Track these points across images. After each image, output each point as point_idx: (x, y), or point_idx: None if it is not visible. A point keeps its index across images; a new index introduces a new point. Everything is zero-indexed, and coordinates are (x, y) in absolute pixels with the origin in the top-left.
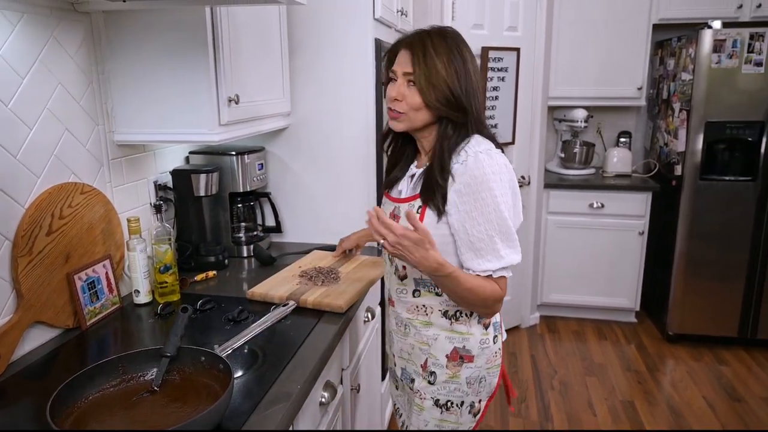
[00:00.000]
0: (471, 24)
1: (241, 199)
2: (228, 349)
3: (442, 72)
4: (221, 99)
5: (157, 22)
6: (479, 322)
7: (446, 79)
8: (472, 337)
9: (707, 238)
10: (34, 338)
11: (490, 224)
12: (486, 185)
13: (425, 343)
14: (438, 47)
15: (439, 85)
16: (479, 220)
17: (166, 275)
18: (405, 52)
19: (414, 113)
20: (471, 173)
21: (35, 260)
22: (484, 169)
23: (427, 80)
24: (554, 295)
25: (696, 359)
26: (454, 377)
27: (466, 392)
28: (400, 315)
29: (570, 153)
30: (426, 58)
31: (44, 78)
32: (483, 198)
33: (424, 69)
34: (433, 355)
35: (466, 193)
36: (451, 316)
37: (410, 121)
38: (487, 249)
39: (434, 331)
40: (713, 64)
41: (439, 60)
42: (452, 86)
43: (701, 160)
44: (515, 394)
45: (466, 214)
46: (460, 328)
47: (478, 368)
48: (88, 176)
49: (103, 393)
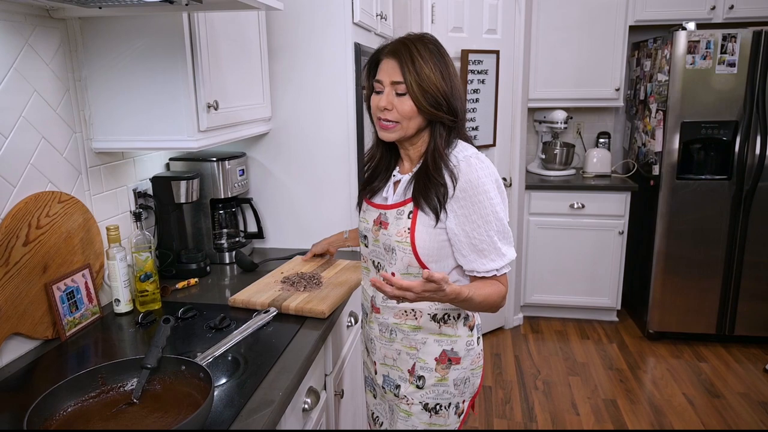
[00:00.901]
0: (450, 27)
1: (222, 206)
2: (209, 358)
3: (432, 77)
4: (200, 105)
5: (134, 28)
6: (465, 324)
7: (436, 83)
8: (460, 339)
9: (685, 237)
10: (11, 350)
11: (489, 225)
12: (482, 188)
13: (413, 347)
14: (423, 53)
15: (430, 90)
16: (479, 222)
17: (147, 284)
18: (390, 60)
19: (407, 121)
20: (466, 178)
21: (12, 271)
22: (478, 173)
23: (419, 86)
24: (537, 296)
25: (676, 356)
26: (443, 380)
27: (453, 394)
28: (386, 321)
29: (550, 154)
30: (414, 65)
31: (19, 86)
32: (480, 201)
33: (415, 75)
34: (422, 359)
35: (463, 197)
36: (440, 319)
37: (403, 130)
38: (489, 249)
39: (423, 335)
40: (688, 65)
41: (426, 65)
42: (442, 90)
43: (678, 160)
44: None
45: (465, 218)
46: (448, 330)
47: (464, 369)
48: (66, 185)
49: (83, 405)
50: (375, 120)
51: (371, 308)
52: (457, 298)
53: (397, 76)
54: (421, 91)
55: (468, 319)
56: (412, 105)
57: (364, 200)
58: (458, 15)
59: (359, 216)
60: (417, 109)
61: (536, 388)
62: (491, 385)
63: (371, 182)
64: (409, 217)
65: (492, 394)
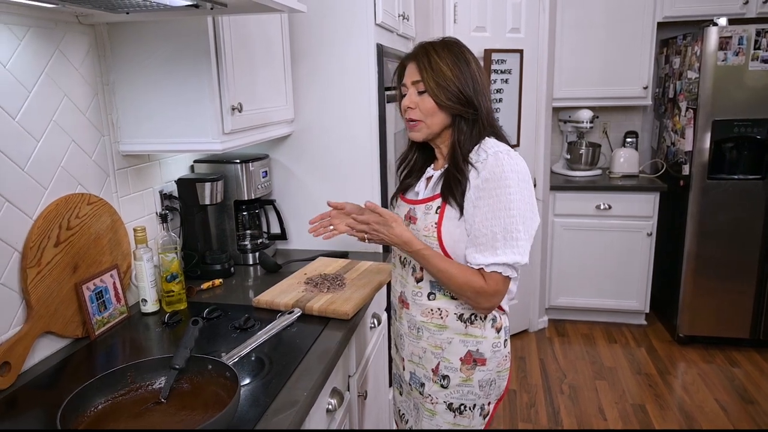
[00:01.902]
0: (473, 26)
1: (246, 207)
2: (235, 357)
3: (448, 72)
4: (224, 108)
5: (160, 32)
6: (492, 325)
7: (452, 78)
8: (486, 340)
9: (716, 238)
10: (43, 348)
11: (497, 221)
12: (503, 182)
13: (438, 346)
14: (440, 52)
15: (447, 84)
16: (488, 215)
17: (173, 284)
18: (410, 64)
19: (430, 119)
20: (491, 170)
21: (44, 271)
22: (504, 167)
23: (435, 82)
24: (562, 299)
25: (707, 361)
26: (468, 380)
27: (478, 395)
28: (414, 318)
29: (576, 154)
30: (430, 63)
31: (50, 90)
32: (497, 195)
33: (431, 72)
34: (447, 359)
35: (483, 188)
36: (467, 319)
37: (428, 128)
38: (485, 244)
39: (448, 334)
40: (719, 61)
41: (443, 63)
42: (459, 84)
43: (709, 159)
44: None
45: (478, 209)
46: (474, 331)
47: (489, 371)
48: (95, 187)
49: (113, 402)
50: (405, 122)
51: (401, 304)
52: (409, 245)
53: (415, 76)
54: (438, 86)
55: (495, 320)
56: (431, 101)
57: (398, 196)
58: (481, 14)
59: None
60: (437, 104)
61: (562, 393)
62: (516, 388)
63: (407, 179)
64: (437, 213)
65: (517, 397)
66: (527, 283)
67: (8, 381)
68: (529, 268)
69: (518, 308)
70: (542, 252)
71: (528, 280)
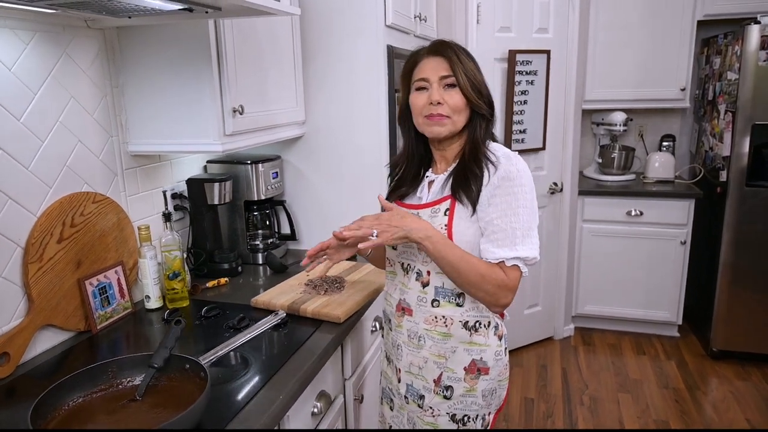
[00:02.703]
0: (497, 27)
1: (257, 207)
2: (212, 357)
3: (474, 70)
4: (225, 110)
5: (166, 35)
6: (495, 333)
7: (478, 75)
8: (489, 348)
9: (754, 248)
10: (45, 340)
11: (516, 217)
12: (519, 181)
13: (442, 356)
14: (462, 51)
15: (475, 81)
16: (507, 212)
17: (175, 282)
18: (434, 58)
19: (457, 115)
20: (506, 169)
21: (46, 266)
22: (518, 166)
23: (467, 77)
24: (590, 307)
25: (742, 378)
26: (472, 391)
27: (481, 405)
28: (416, 326)
29: (608, 158)
30: (461, 60)
31: (57, 92)
32: (515, 193)
33: (462, 67)
34: (450, 369)
35: (500, 186)
36: (471, 327)
37: (453, 124)
38: (505, 240)
39: (453, 343)
40: (761, 62)
41: (468, 59)
42: (482, 82)
43: (748, 165)
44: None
45: (494, 206)
46: (478, 339)
47: (491, 380)
48: (102, 186)
49: (89, 398)
50: (421, 119)
51: (400, 312)
52: (425, 232)
53: (444, 71)
54: (469, 82)
55: (498, 328)
56: (461, 96)
57: (395, 202)
58: (506, 14)
59: None
60: (466, 100)
61: (582, 404)
62: (534, 397)
63: (398, 189)
64: (446, 214)
65: (534, 407)
66: (552, 289)
67: (7, 370)
68: (553, 274)
69: (542, 315)
70: (569, 258)
71: (554, 287)
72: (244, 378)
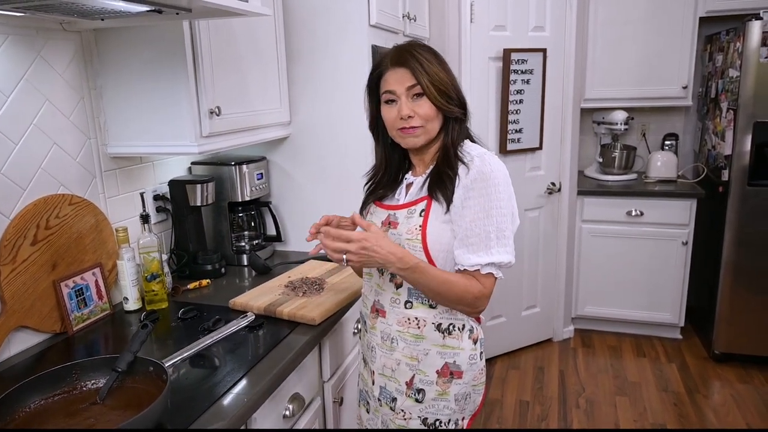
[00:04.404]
0: (492, 25)
1: (242, 209)
2: (176, 359)
3: (439, 73)
4: (202, 111)
5: (142, 37)
6: (469, 336)
7: (443, 78)
8: (463, 352)
9: (757, 249)
10: (19, 342)
11: (489, 220)
12: (493, 182)
13: (414, 358)
14: (425, 54)
15: (444, 88)
16: (480, 215)
17: (153, 284)
18: (396, 69)
19: (430, 124)
20: (479, 170)
21: (19, 268)
22: (492, 167)
23: (432, 84)
24: (589, 308)
25: (744, 381)
26: (444, 394)
27: (453, 410)
28: (389, 327)
29: (608, 158)
30: (423, 66)
31: (30, 96)
32: (488, 194)
33: (426, 75)
34: (422, 371)
35: (473, 188)
36: (444, 329)
37: (427, 133)
38: (479, 244)
39: (425, 345)
40: (762, 58)
41: (432, 64)
42: (450, 84)
43: (749, 164)
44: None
45: (468, 209)
46: (452, 342)
47: (465, 384)
48: (79, 188)
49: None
50: (395, 131)
51: (374, 314)
52: (405, 259)
53: (409, 81)
54: (435, 88)
55: (473, 331)
56: (430, 105)
57: (373, 203)
58: (500, 13)
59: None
60: (435, 107)
61: (578, 407)
62: (529, 399)
63: (375, 192)
64: (421, 215)
65: (529, 409)
66: (551, 291)
67: None
68: (552, 275)
69: (540, 316)
70: (568, 258)
71: (552, 288)
72: (213, 379)
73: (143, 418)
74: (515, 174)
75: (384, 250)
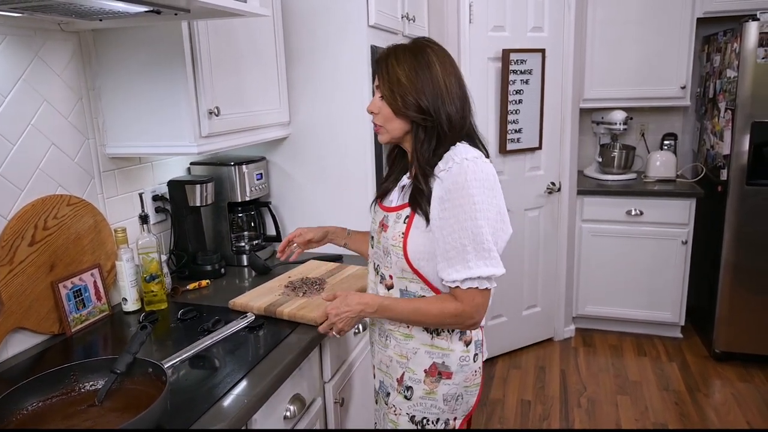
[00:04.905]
0: (491, 26)
1: (241, 209)
2: (176, 360)
3: (403, 79)
4: (201, 111)
5: (141, 38)
6: (460, 338)
7: (408, 85)
8: (452, 353)
9: (756, 249)
10: (17, 343)
11: (464, 232)
12: (466, 191)
13: (404, 356)
14: (401, 57)
15: (402, 92)
16: (455, 227)
17: (152, 284)
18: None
19: (389, 124)
20: (453, 179)
21: (16, 270)
22: (467, 175)
23: (390, 89)
24: (590, 307)
25: (744, 380)
26: (431, 393)
27: (442, 409)
28: (383, 325)
29: (608, 157)
30: (387, 67)
31: (28, 96)
32: (461, 205)
33: (386, 77)
34: (411, 369)
35: (447, 199)
36: (432, 330)
37: (388, 133)
38: (457, 258)
39: (414, 344)
40: (759, 59)
41: (400, 69)
42: (415, 92)
43: (748, 164)
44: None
45: (444, 221)
46: (440, 343)
47: (456, 385)
48: (77, 188)
49: (51, 401)
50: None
51: None
52: (369, 305)
53: (376, 80)
54: (390, 91)
55: (465, 333)
56: (387, 106)
57: (377, 201)
58: (499, 13)
59: (371, 216)
60: (393, 112)
61: (579, 406)
62: (531, 399)
63: (386, 182)
64: (405, 222)
65: (530, 409)
66: (551, 290)
67: None
68: (552, 274)
69: (541, 316)
70: (568, 258)
71: (552, 287)
72: (213, 381)
73: (142, 420)
74: (515, 174)
75: (352, 307)
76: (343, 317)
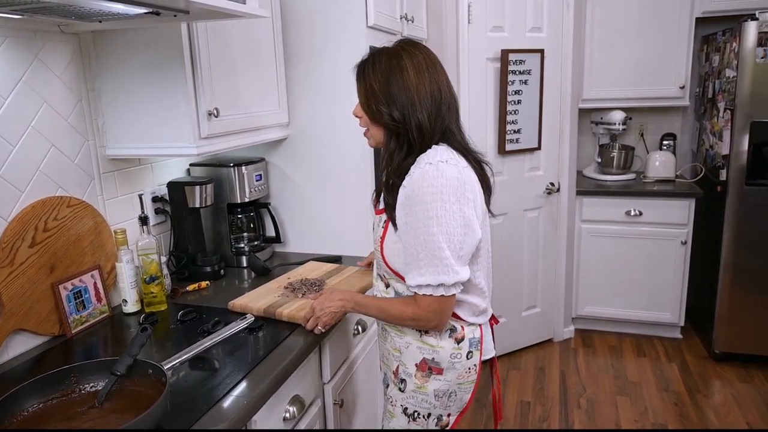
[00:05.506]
0: (490, 26)
1: (241, 210)
2: (175, 362)
3: (376, 87)
4: (200, 113)
5: (140, 39)
6: (450, 336)
7: (378, 91)
8: (442, 350)
9: (756, 249)
10: (18, 345)
11: (418, 239)
12: (420, 199)
13: (398, 349)
14: (376, 62)
15: (375, 100)
16: (410, 234)
17: (152, 286)
18: None
19: (371, 129)
20: (412, 186)
21: (17, 271)
22: (423, 182)
23: (366, 96)
24: (589, 308)
25: (744, 381)
26: (422, 388)
27: (433, 405)
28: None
29: (607, 158)
30: (364, 75)
31: (28, 98)
32: (415, 212)
33: (363, 86)
34: (404, 363)
35: (407, 205)
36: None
37: (373, 137)
38: (412, 264)
39: (407, 339)
40: (758, 58)
41: (374, 75)
42: (386, 100)
43: (747, 164)
44: (501, 418)
45: (406, 226)
46: (429, 340)
47: (447, 382)
48: (77, 190)
49: (51, 403)
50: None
51: None
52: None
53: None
54: (365, 99)
55: (455, 331)
56: (366, 114)
57: (374, 202)
58: (498, 14)
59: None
60: (368, 117)
61: (579, 407)
62: (530, 400)
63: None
64: (382, 226)
65: (530, 410)
66: (550, 291)
67: None
68: (551, 274)
69: (540, 317)
70: (568, 259)
71: (552, 288)
72: (213, 382)
73: (142, 421)
74: (514, 174)
75: (335, 302)
76: (327, 311)
